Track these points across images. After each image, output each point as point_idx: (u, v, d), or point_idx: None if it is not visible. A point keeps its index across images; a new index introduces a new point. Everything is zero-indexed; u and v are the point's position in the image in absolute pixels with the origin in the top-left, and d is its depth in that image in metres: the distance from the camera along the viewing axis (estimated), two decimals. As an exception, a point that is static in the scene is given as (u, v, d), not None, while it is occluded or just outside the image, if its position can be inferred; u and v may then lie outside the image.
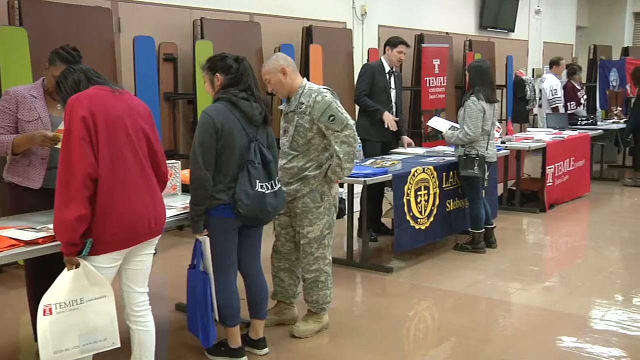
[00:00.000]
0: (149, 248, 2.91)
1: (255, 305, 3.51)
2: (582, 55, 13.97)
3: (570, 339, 3.74)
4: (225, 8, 7.02)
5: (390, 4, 9.28)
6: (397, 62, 5.80)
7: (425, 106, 8.61)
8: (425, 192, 5.22)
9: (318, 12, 8.12)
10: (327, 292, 3.79)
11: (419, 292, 4.65)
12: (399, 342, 3.81)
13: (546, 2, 13.18)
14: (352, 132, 3.55)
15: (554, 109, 9.06)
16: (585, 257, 5.64)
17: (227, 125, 3.14)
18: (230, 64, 3.23)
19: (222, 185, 3.18)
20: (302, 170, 3.63)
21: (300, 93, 3.62)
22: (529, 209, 7.09)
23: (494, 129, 5.50)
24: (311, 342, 3.73)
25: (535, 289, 4.70)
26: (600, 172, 9.31)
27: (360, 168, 4.95)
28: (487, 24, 11.31)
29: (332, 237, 3.79)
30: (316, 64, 7.29)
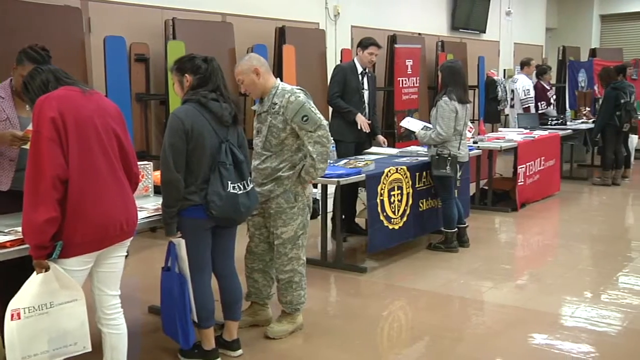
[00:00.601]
0: (121, 250, 2.87)
1: (229, 307, 3.50)
2: (551, 56, 14.17)
3: (541, 336, 3.79)
4: (197, 8, 6.97)
5: (363, 4, 9.31)
6: (369, 63, 5.82)
7: (399, 106, 8.65)
8: (399, 192, 5.25)
9: (291, 12, 8.11)
10: (301, 292, 3.79)
11: (393, 291, 4.67)
12: (373, 341, 3.82)
13: (516, 4, 13.34)
14: (325, 133, 3.55)
15: (526, 109, 9.18)
16: (556, 255, 5.72)
17: (197, 127, 3.12)
18: (199, 65, 3.22)
19: (194, 186, 3.16)
20: (276, 170, 3.63)
21: (273, 93, 3.61)
22: (501, 208, 7.17)
23: (466, 129, 5.56)
24: (285, 343, 3.72)
25: (507, 287, 4.75)
26: (570, 171, 9.46)
27: (334, 168, 4.96)
28: (459, 25, 11.41)
29: (306, 237, 3.79)
30: (289, 65, 7.28)
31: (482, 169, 7.25)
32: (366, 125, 5.73)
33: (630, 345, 3.73)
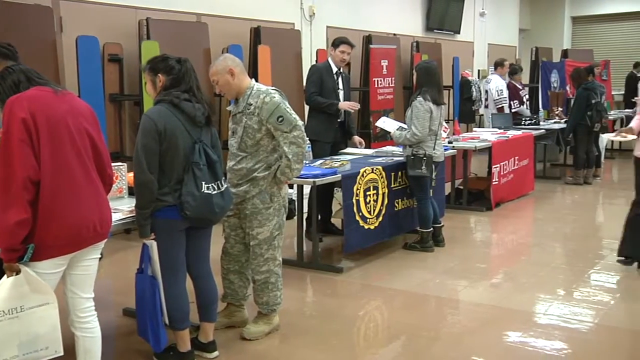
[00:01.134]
0: (95, 252, 2.84)
1: (205, 308, 3.48)
2: (524, 56, 14.33)
3: (516, 334, 3.83)
4: (171, 8, 6.92)
5: (338, 5, 9.33)
6: (341, 62, 5.84)
7: (374, 107, 8.68)
8: (374, 192, 5.27)
9: (266, 12, 8.10)
10: (277, 293, 3.78)
11: (369, 291, 4.69)
12: (350, 341, 3.83)
13: (490, 5, 13.47)
14: (301, 133, 3.55)
15: (499, 109, 9.27)
16: (530, 254, 5.78)
17: (170, 127, 3.10)
18: (172, 65, 3.21)
19: (167, 187, 3.14)
20: (251, 171, 3.62)
21: (248, 94, 3.60)
22: (476, 208, 7.24)
23: (441, 129, 5.59)
24: (262, 344, 3.71)
25: (482, 286, 4.80)
26: (543, 170, 9.57)
27: (310, 169, 4.96)
28: (433, 26, 11.49)
29: (282, 238, 3.79)
30: (264, 65, 7.27)
31: (457, 169, 7.31)
32: (353, 105, 5.76)
33: (601, 341, 3.79)
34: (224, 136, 5.57)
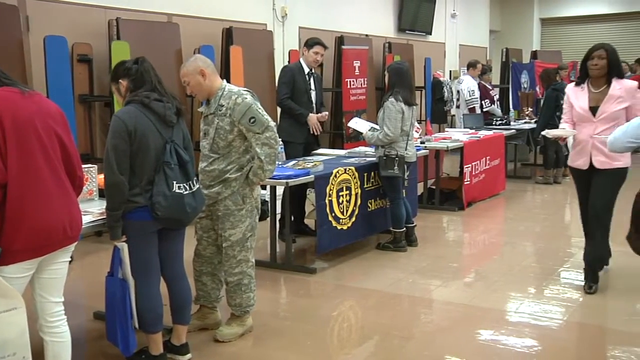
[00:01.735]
0: (65, 256, 2.80)
1: (178, 310, 3.45)
2: (495, 57, 14.51)
3: (488, 332, 3.87)
4: (142, 8, 6.85)
5: (311, 6, 9.33)
6: (314, 63, 5.84)
7: (347, 107, 8.70)
8: (347, 193, 5.28)
9: (238, 13, 8.06)
10: (250, 294, 3.77)
11: (343, 292, 4.69)
12: (323, 342, 3.83)
13: (461, 7, 13.60)
14: (273, 134, 3.54)
15: (471, 110, 9.37)
16: (501, 252, 5.84)
17: (141, 127, 3.08)
18: (129, 67, 3.20)
19: (138, 188, 3.11)
20: (223, 172, 3.60)
21: (220, 95, 3.59)
22: (448, 207, 7.29)
23: (412, 130, 5.62)
24: (235, 346, 3.70)
25: (455, 285, 4.83)
26: (514, 170, 9.69)
27: (282, 170, 4.95)
28: (405, 27, 11.55)
29: (255, 239, 3.78)
30: (237, 66, 7.24)
31: (430, 169, 7.36)
32: (318, 126, 5.76)
33: (570, 337, 3.86)
34: (195, 137, 5.53)
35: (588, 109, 4.38)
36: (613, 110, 4.29)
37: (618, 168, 4.34)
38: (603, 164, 4.35)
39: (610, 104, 4.30)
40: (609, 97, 4.30)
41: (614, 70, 4.34)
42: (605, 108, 4.31)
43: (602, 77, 4.34)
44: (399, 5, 11.43)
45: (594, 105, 4.36)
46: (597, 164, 4.37)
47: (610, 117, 4.29)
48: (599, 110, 4.33)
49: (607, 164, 4.33)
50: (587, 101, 4.39)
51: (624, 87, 4.32)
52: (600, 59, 4.31)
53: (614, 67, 4.33)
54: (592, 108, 4.37)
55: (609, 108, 4.30)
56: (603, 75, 4.34)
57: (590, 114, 4.37)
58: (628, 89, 4.32)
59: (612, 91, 4.30)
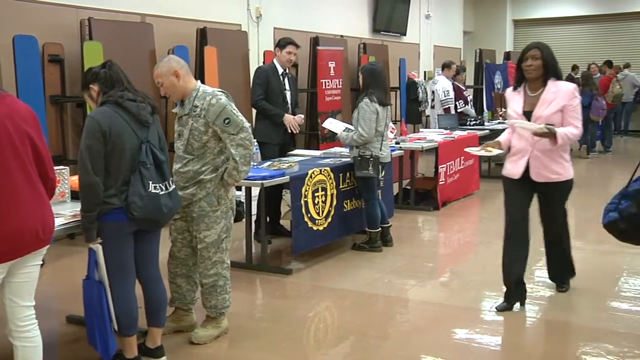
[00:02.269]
0: (36, 259, 2.76)
1: (153, 313, 3.42)
2: (469, 58, 14.64)
3: (463, 331, 3.90)
4: (114, 8, 6.78)
5: (286, 6, 9.32)
6: (288, 63, 5.84)
7: (322, 108, 8.71)
8: (323, 194, 5.28)
9: (212, 13, 8.02)
10: (225, 296, 3.75)
11: (319, 292, 4.69)
12: (300, 343, 3.82)
13: (435, 8, 13.70)
14: (248, 135, 3.53)
15: (446, 110, 9.43)
16: (476, 252, 5.89)
17: (115, 127, 3.05)
18: (97, 72, 3.19)
19: (113, 189, 3.07)
20: (198, 174, 3.58)
21: (194, 96, 3.57)
22: (423, 207, 7.34)
23: (387, 130, 5.65)
24: (211, 348, 3.67)
25: (431, 284, 4.86)
26: (488, 170, 9.78)
27: (258, 170, 4.94)
28: (380, 28, 11.60)
29: (230, 240, 3.76)
30: (211, 66, 7.20)
31: (405, 169, 7.39)
32: (295, 125, 5.76)
33: (543, 335, 3.91)
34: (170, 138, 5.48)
35: (522, 114, 4.00)
36: (548, 115, 3.90)
37: (563, 181, 4.04)
38: (541, 176, 4.00)
39: (545, 107, 3.92)
40: (543, 100, 3.93)
41: (550, 71, 3.96)
42: (539, 112, 3.92)
43: (539, 79, 3.97)
44: (373, 6, 11.47)
45: (529, 109, 3.98)
46: (535, 176, 4.01)
47: (546, 122, 3.89)
48: (533, 115, 3.94)
49: (544, 176, 4.00)
50: (522, 105, 4.01)
51: (560, 90, 3.94)
52: (534, 60, 3.93)
53: (550, 68, 3.96)
54: (526, 113, 3.99)
55: (543, 112, 3.91)
56: (539, 76, 3.96)
57: (525, 119, 3.98)
58: (564, 91, 3.93)
59: (546, 94, 3.93)
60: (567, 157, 4.08)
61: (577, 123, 3.94)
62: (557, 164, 3.98)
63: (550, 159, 3.97)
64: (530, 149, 3.99)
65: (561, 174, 4.01)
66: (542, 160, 3.97)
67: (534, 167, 4.00)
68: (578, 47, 16.11)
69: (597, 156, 11.85)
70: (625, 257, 5.44)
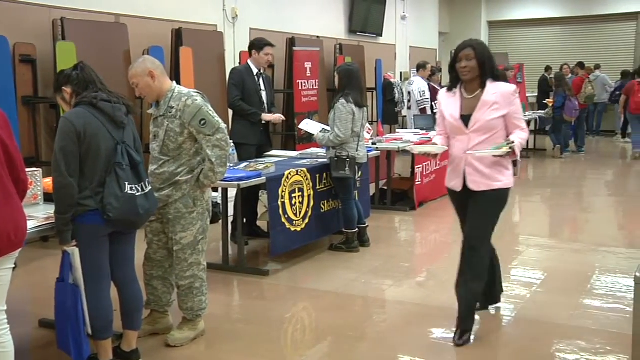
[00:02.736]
0: (8, 262, 2.72)
1: (129, 316, 3.39)
2: (444, 59, 14.74)
3: (439, 331, 3.93)
4: (88, 8, 6.70)
5: (262, 7, 9.30)
6: (266, 64, 5.84)
7: (298, 109, 8.70)
8: (300, 194, 5.28)
9: (187, 14, 7.97)
10: (202, 298, 3.73)
11: (296, 293, 4.69)
12: (277, 344, 3.82)
13: (411, 9, 13.78)
14: (224, 136, 3.52)
15: (422, 110, 9.49)
16: (452, 251, 5.91)
17: (91, 128, 3.02)
18: (68, 73, 3.17)
19: (88, 190, 3.05)
20: (174, 175, 3.56)
21: (169, 97, 3.55)
22: (400, 208, 7.37)
23: (363, 131, 5.66)
24: (187, 350, 3.65)
25: (407, 284, 4.88)
26: (463, 170, 9.84)
27: (234, 172, 4.92)
28: (356, 29, 11.64)
29: (206, 242, 3.74)
30: (187, 67, 7.16)
31: (381, 170, 7.42)
32: (276, 118, 5.76)
33: (518, 333, 3.94)
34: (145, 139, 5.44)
35: (459, 118, 3.60)
36: (487, 119, 3.53)
37: (497, 189, 3.61)
38: (479, 185, 3.61)
39: (484, 111, 3.53)
40: (482, 103, 3.54)
41: (487, 71, 3.56)
42: (478, 116, 3.55)
43: (475, 80, 3.59)
44: (349, 7, 11.50)
45: (467, 113, 3.59)
46: (472, 185, 3.63)
47: (485, 127, 3.53)
48: (472, 120, 3.56)
49: (483, 184, 3.60)
50: (459, 109, 3.62)
51: (500, 92, 3.55)
52: (468, 60, 3.56)
53: (487, 68, 3.56)
54: (463, 117, 3.60)
55: (482, 116, 3.54)
56: (475, 78, 3.58)
57: (462, 124, 3.59)
58: (504, 93, 3.55)
59: (486, 96, 3.54)
60: (508, 164, 3.66)
61: (522, 124, 3.62)
62: (495, 171, 3.59)
63: (487, 166, 3.58)
64: (464, 156, 3.63)
65: (501, 181, 3.60)
66: (477, 166, 3.59)
67: (470, 174, 3.63)
68: (551, 48, 16.32)
69: (570, 156, 12.01)
70: (597, 256, 5.53)
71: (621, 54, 15.88)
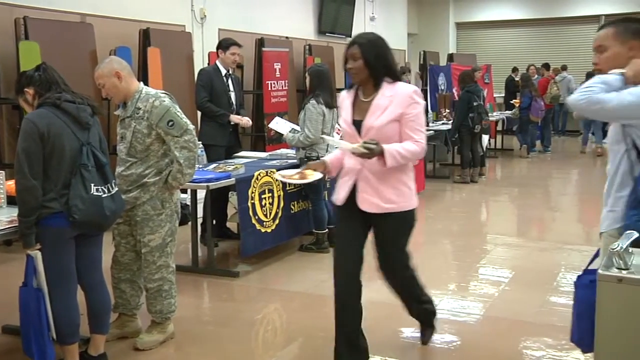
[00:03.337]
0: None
1: (96, 319, 3.34)
2: (413, 60, 14.86)
3: (410, 330, 3.95)
4: (52, 7, 6.59)
5: (230, 7, 9.26)
6: (233, 64, 5.81)
7: (268, 109, 8.68)
8: (270, 195, 5.27)
9: (155, 14, 7.89)
10: (171, 300, 3.69)
11: (267, 294, 4.67)
12: (248, 346, 3.80)
13: (380, 10, 13.85)
14: (192, 137, 3.49)
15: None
16: (422, 251, 5.96)
17: (54, 129, 2.97)
18: (30, 75, 3.12)
19: (53, 193, 3.00)
20: (141, 177, 3.52)
21: (137, 98, 3.51)
22: (370, 208, 7.38)
23: (333, 132, 5.67)
24: (156, 354, 3.61)
25: (378, 284, 4.85)
26: (433, 170, 9.95)
27: (203, 173, 4.89)
28: (325, 29, 11.65)
29: (175, 244, 3.71)
30: (155, 68, 7.09)
31: (351, 170, 7.42)
32: (244, 121, 5.74)
33: (486, 331, 3.99)
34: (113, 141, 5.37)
35: (352, 124, 3.11)
36: (380, 125, 3.01)
37: (400, 213, 3.13)
38: (372, 205, 3.08)
39: (377, 116, 3.02)
40: (375, 107, 3.03)
41: (379, 71, 3.05)
42: (370, 122, 3.03)
43: (368, 81, 3.08)
44: (319, 7, 11.51)
45: (360, 118, 3.08)
46: (362, 203, 3.09)
47: (379, 135, 2.99)
48: (364, 126, 3.04)
49: (377, 206, 3.07)
50: (351, 113, 3.13)
51: (396, 94, 3.03)
52: (354, 60, 3.05)
53: (378, 68, 3.05)
54: (356, 122, 3.09)
55: (374, 122, 3.02)
56: (367, 79, 3.07)
57: (355, 130, 3.08)
58: (401, 96, 3.03)
59: (380, 99, 3.03)
60: (409, 181, 3.19)
61: (417, 136, 3.03)
62: (392, 190, 3.07)
63: (383, 183, 3.06)
64: (360, 167, 3.07)
65: (396, 203, 3.09)
66: (372, 183, 3.06)
67: (361, 191, 3.08)
68: (518, 49, 16.56)
69: (537, 156, 12.20)
70: (563, 254, 5.63)
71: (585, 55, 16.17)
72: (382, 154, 2.92)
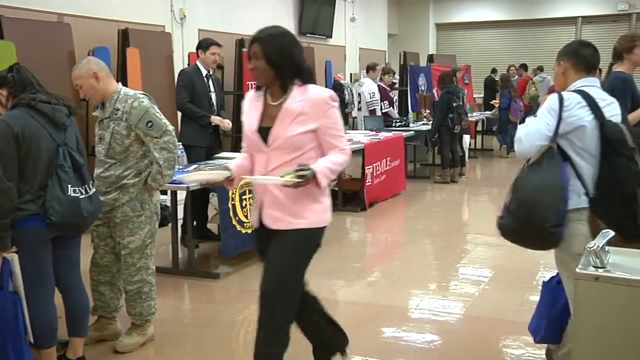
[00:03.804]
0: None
1: (75, 322, 3.31)
2: (394, 61, 14.90)
3: (391, 329, 3.96)
4: (28, 6, 6.51)
5: (210, 8, 9.22)
6: (214, 64, 5.79)
7: (249, 110, 8.64)
8: (250, 196, 5.25)
9: (134, 14, 7.84)
10: (151, 303, 3.67)
11: (247, 296, 4.65)
12: (228, 347, 3.79)
13: (360, 11, 13.88)
14: (171, 138, 3.47)
15: (372, 112, 9.56)
16: (402, 251, 6.00)
17: (30, 130, 2.94)
18: (4, 75, 3.09)
19: (29, 194, 2.96)
20: (120, 178, 3.49)
21: (115, 99, 3.48)
22: (351, 208, 7.40)
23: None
24: (136, 356, 3.59)
25: (359, 284, 4.91)
26: (413, 170, 9.99)
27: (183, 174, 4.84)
28: (306, 30, 11.65)
29: (155, 246, 3.68)
30: (134, 68, 7.03)
31: (332, 171, 7.42)
32: (225, 124, 5.71)
33: (467, 330, 4.01)
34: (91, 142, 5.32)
35: (256, 131, 2.72)
36: (292, 135, 2.63)
37: (299, 230, 2.70)
38: (276, 222, 2.72)
39: (286, 124, 2.64)
40: (285, 112, 2.65)
41: (285, 73, 2.67)
42: (278, 130, 2.66)
43: (274, 83, 2.70)
44: (299, 8, 11.51)
45: (267, 125, 2.70)
46: (267, 220, 2.74)
47: (289, 144, 2.65)
48: (272, 134, 2.67)
49: (282, 222, 2.70)
50: (258, 119, 2.74)
51: (309, 99, 2.66)
52: (257, 59, 2.66)
53: (283, 68, 2.66)
54: (263, 129, 2.71)
55: (283, 131, 2.65)
56: (272, 81, 2.69)
57: (261, 140, 2.71)
58: (314, 101, 2.66)
59: (290, 104, 2.66)
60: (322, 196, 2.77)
61: (341, 143, 2.74)
62: (300, 205, 2.69)
63: (291, 198, 2.67)
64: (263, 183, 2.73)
65: (307, 218, 2.71)
66: (279, 198, 2.68)
67: (268, 206, 2.73)
68: (497, 50, 16.70)
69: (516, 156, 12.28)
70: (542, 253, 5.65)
71: (562, 56, 16.36)
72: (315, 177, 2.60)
